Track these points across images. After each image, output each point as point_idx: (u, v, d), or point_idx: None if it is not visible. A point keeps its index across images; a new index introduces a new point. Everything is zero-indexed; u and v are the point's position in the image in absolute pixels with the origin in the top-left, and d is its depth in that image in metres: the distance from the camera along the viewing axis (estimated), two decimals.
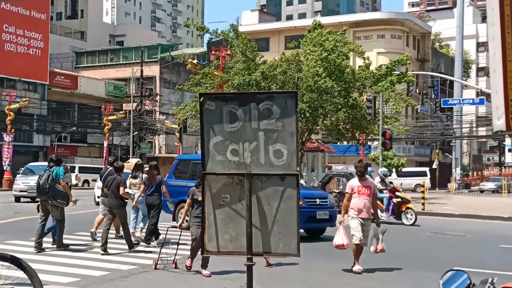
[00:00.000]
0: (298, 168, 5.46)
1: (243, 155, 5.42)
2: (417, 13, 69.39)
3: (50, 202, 10.82)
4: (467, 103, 38.07)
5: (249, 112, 5.42)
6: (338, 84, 25.83)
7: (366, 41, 49.21)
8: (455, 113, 49.72)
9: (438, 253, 12.08)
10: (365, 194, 9.31)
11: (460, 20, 49.46)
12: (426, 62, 57.36)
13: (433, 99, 57.53)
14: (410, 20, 55.42)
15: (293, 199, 5.40)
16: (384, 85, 27.03)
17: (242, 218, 5.40)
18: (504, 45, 2.30)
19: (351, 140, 30.09)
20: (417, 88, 55.51)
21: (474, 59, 76.56)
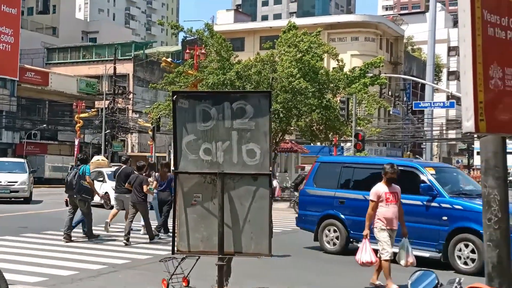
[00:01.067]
0: (270, 168, 5.46)
1: (216, 154, 5.40)
2: (390, 17, 70.20)
3: (76, 196, 11.97)
4: (437, 106, 38.71)
5: (222, 111, 5.41)
6: (312, 85, 25.95)
7: (340, 43, 49.57)
8: (426, 116, 50.47)
9: None
10: (394, 202, 8.16)
11: (432, 24, 50.17)
12: (398, 65, 58.05)
13: (405, 102, 58.29)
14: (384, 24, 56.02)
15: (265, 199, 5.40)
16: (357, 87, 27.26)
17: (214, 217, 5.38)
18: (475, 47, 2.33)
19: (325, 141, 30.27)
20: (389, 90, 56.16)
21: (445, 63, 77.79)
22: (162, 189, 13.21)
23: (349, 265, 9.85)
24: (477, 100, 2.34)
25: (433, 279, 2.64)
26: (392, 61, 57.30)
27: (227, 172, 5.36)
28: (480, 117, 2.32)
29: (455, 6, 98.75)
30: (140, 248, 11.40)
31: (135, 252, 10.92)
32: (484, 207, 2.39)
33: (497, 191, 2.33)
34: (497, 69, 2.43)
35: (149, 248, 11.42)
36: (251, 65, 26.70)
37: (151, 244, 11.98)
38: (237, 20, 62.48)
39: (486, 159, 2.41)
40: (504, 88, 2.44)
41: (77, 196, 11.97)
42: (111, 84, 49.68)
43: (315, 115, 26.29)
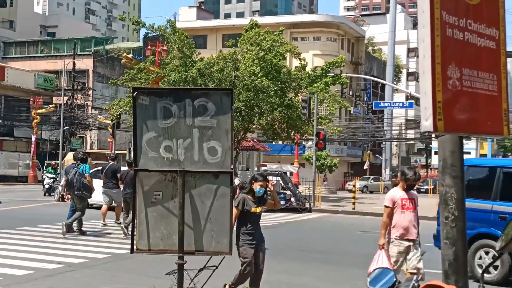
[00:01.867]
0: (232, 166, 5.45)
1: (177, 151, 5.36)
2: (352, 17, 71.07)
3: (77, 193, 12.69)
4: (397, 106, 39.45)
5: (183, 108, 5.37)
6: (274, 84, 26.03)
7: (302, 43, 49.91)
8: (386, 116, 51.36)
9: (368, 251, 12.42)
10: (411, 209, 7.27)
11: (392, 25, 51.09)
12: (359, 65, 58.86)
13: (365, 102, 59.15)
14: (345, 24, 56.69)
15: (226, 197, 5.39)
16: (319, 86, 27.49)
17: (174, 216, 5.33)
18: (433, 47, 2.36)
19: (286, 139, 30.43)
20: (350, 90, 56.87)
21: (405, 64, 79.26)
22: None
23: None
24: (436, 100, 2.38)
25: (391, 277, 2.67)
26: (353, 61, 58.05)
27: (188, 170, 5.32)
28: (438, 117, 2.35)
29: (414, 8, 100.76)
30: (99, 247, 11.21)
31: (93, 251, 10.73)
32: (442, 206, 2.43)
33: (454, 189, 2.37)
34: (455, 69, 2.47)
35: (108, 247, 11.25)
36: (214, 63, 26.59)
37: (110, 243, 11.80)
38: (199, 18, 62.17)
39: (443, 158, 2.45)
40: (462, 88, 2.48)
41: (77, 193, 12.71)
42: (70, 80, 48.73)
43: (277, 114, 26.40)
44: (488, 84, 2.60)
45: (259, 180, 6.91)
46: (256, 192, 6.83)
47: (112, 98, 44.42)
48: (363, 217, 21.38)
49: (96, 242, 11.86)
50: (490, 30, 2.64)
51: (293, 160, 36.85)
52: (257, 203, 6.87)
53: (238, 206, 6.73)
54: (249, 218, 6.79)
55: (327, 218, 20.84)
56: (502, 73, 2.67)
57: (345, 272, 9.67)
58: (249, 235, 6.77)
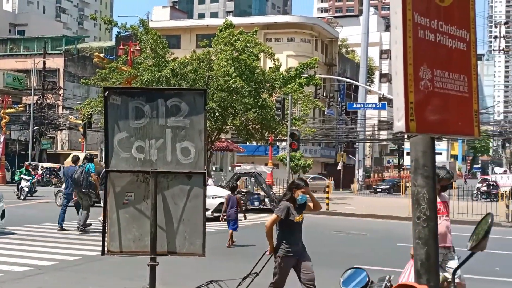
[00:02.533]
0: (205, 167, 5.42)
1: (149, 152, 5.32)
2: (325, 19, 71.58)
3: (84, 191, 13.30)
4: (370, 107, 39.81)
5: (156, 108, 5.33)
6: (248, 85, 26.04)
7: (276, 43, 50.06)
8: (359, 117, 51.80)
9: (341, 250, 12.51)
10: (445, 213, 6.57)
11: (365, 27, 51.56)
12: (333, 67, 59.29)
13: (339, 103, 59.62)
14: (319, 25, 57.05)
15: (199, 198, 5.36)
16: (293, 87, 27.60)
17: (146, 217, 5.29)
18: (406, 48, 2.38)
19: (260, 140, 30.46)
20: (324, 91, 57.25)
21: (378, 66, 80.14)
22: None
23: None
24: (408, 101, 2.40)
25: (364, 277, 2.68)
26: (327, 63, 58.46)
27: (161, 170, 5.28)
28: (411, 117, 2.37)
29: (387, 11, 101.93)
30: (70, 249, 11.05)
31: (64, 253, 10.57)
32: (413, 206, 2.45)
33: (426, 190, 2.40)
34: (427, 70, 2.50)
35: (80, 249, 11.09)
36: (187, 63, 26.48)
37: (82, 245, 11.64)
38: (173, 17, 61.84)
39: (415, 158, 2.47)
40: (433, 89, 2.51)
41: (85, 191, 13.38)
42: (40, 79, 47.96)
43: (251, 114, 26.41)
44: (459, 85, 2.64)
45: (301, 186, 6.37)
46: (299, 200, 6.36)
47: (83, 98, 43.87)
48: (337, 218, 21.53)
49: (68, 244, 11.68)
50: (461, 32, 2.68)
51: (267, 160, 36.94)
52: (298, 211, 6.44)
53: (282, 215, 6.30)
54: (292, 228, 6.40)
55: None
56: (473, 75, 2.71)
57: (319, 272, 9.70)
58: (291, 245, 6.39)
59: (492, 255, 10.78)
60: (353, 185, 49.43)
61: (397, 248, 13.50)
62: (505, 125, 56.76)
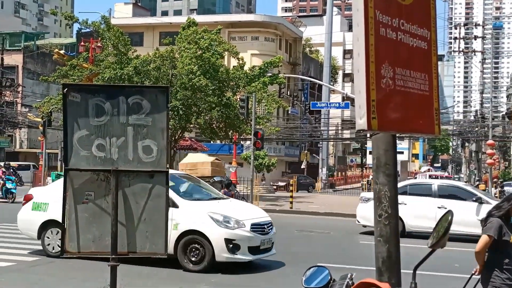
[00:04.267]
0: (168, 165, 5.37)
1: (110, 150, 5.23)
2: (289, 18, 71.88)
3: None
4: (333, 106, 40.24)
5: (117, 105, 5.24)
6: (212, 83, 25.95)
7: (240, 42, 50.01)
8: (323, 116, 52.26)
9: (304, 249, 12.57)
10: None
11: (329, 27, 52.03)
12: (297, 66, 59.60)
13: (303, 102, 59.98)
14: (283, 24, 57.25)
15: (162, 197, 5.30)
16: (257, 85, 27.63)
17: (107, 216, 5.20)
18: (368, 46, 2.38)
19: (224, 139, 30.42)
20: (288, 90, 57.53)
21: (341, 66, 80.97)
22: None
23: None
24: (370, 98, 2.40)
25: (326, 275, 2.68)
26: (291, 62, 58.74)
27: (122, 169, 5.19)
28: (372, 115, 2.38)
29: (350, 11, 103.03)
30: (29, 249, 10.78)
31: (22, 254, 10.32)
32: (375, 203, 2.46)
33: (387, 187, 2.41)
34: (389, 68, 2.51)
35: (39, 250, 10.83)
36: (150, 61, 26.23)
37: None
38: (135, 14, 61.12)
39: (377, 156, 2.48)
40: (395, 87, 2.52)
41: None
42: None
43: (215, 113, 26.33)
44: (420, 83, 2.66)
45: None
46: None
47: (43, 95, 42.96)
48: (301, 216, 21.66)
49: (27, 245, 11.40)
50: (422, 31, 2.70)
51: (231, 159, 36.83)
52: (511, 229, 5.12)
53: (494, 235, 5.04)
54: (507, 250, 5.11)
55: None
56: (434, 73, 2.74)
57: (281, 271, 9.74)
58: (509, 272, 5.09)
59: (451, 252, 11.01)
60: (316, 184, 49.82)
61: (360, 246, 13.66)
62: (464, 125, 58.12)
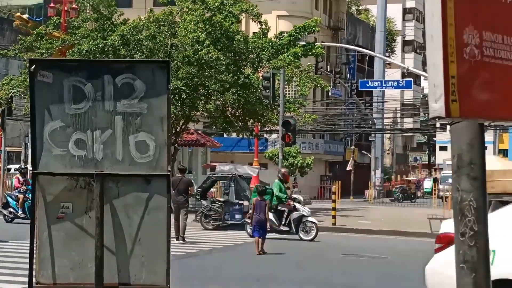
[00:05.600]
0: (169, 168, 5.41)
1: (93, 147, 5.32)
2: None
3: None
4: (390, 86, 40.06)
5: (101, 88, 5.33)
6: (225, 56, 26.00)
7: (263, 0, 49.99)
8: (376, 99, 52.05)
9: (353, 280, 12.55)
10: None
11: None
12: (340, 31, 59.40)
13: (348, 80, 59.76)
14: None
15: (161, 210, 5.36)
16: (286, 58, 27.60)
17: (89, 236, 5.28)
18: (445, 3, 2.36)
19: (242, 131, 30.44)
20: (328, 64, 57.36)
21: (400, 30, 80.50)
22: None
23: None
24: (448, 75, 2.38)
25: None
26: (332, 26, 58.54)
27: (109, 172, 5.26)
28: (452, 97, 2.35)
29: None
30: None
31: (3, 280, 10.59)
32: (456, 218, 2.44)
33: (473, 196, 2.38)
34: (473, 33, 2.48)
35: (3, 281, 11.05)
36: (142, 27, 26.38)
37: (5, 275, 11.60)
38: None
39: (458, 153, 2.46)
40: (482, 58, 2.49)
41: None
42: None
43: (229, 96, 26.38)
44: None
45: None
46: None
47: (1, 75, 43.54)
48: (347, 235, 21.62)
49: None
50: None
51: (251, 159, 36.94)
52: None
53: None
54: None
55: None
56: None
57: None
58: None
59: None
60: (368, 191, 49.70)
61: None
62: None
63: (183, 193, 17.92)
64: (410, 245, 19.03)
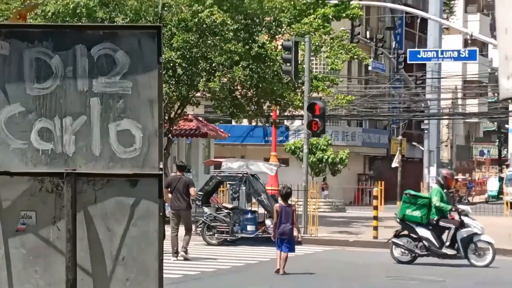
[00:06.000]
0: (161, 165, 5.42)
1: (62, 139, 5.33)
2: None
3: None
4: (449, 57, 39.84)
5: (73, 61, 5.35)
6: (233, 19, 26.02)
7: None
8: (431, 74, 51.84)
9: None
10: None
11: None
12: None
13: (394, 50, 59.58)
14: None
15: (151, 220, 5.36)
16: (313, 22, 27.60)
17: (58, 254, 5.31)
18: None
19: (256, 117, 30.54)
20: (367, 30, 57.28)
21: None
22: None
23: None
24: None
25: None
26: None
27: (83, 171, 5.28)
28: None
29: None
30: None
31: None
32: None
33: None
34: None
35: None
36: None
37: None
38: None
39: None
40: None
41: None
42: None
43: (239, 72, 26.37)
44: None
45: None
46: None
47: None
48: None
49: None
50: None
51: (268, 153, 37.00)
52: None
53: None
54: None
55: (329, 255, 20.96)
56: None
57: None
58: None
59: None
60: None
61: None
62: None
63: (184, 196, 18.07)
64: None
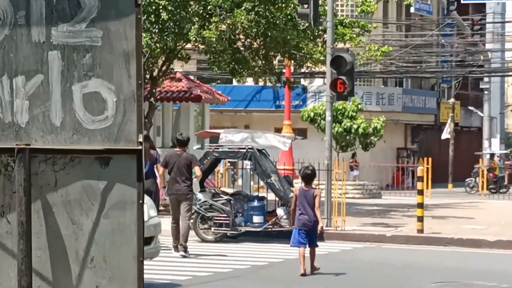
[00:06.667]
0: (141, 137, 5.44)
1: (12, 105, 5.37)
2: None
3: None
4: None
5: (26, 4, 5.37)
6: None
7: None
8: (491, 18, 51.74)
9: None
10: None
11: None
12: None
13: None
14: None
15: (129, 209, 5.38)
16: None
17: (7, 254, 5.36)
18: None
19: (264, 74, 30.52)
20: None
21: None
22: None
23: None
24: None
25: None
26: None
27: (39, 147, 5.31)
28: None
29: None
30: None
31: None
32: None
33: None
34: None
35: None
36: None
37: None
38: None
39: None
40: None
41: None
42: None
43: (241, 16, 26.36)
44: None
45: None
46: None
47: None
48: (444, 250, 21.70)
49: None
50: None
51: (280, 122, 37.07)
52: None
53: None
54: None
55: (360, 253, 21.04)
56: None
57: None
58: None
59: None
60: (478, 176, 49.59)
61: None
62: None
63: (185, 177, 18.54)
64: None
